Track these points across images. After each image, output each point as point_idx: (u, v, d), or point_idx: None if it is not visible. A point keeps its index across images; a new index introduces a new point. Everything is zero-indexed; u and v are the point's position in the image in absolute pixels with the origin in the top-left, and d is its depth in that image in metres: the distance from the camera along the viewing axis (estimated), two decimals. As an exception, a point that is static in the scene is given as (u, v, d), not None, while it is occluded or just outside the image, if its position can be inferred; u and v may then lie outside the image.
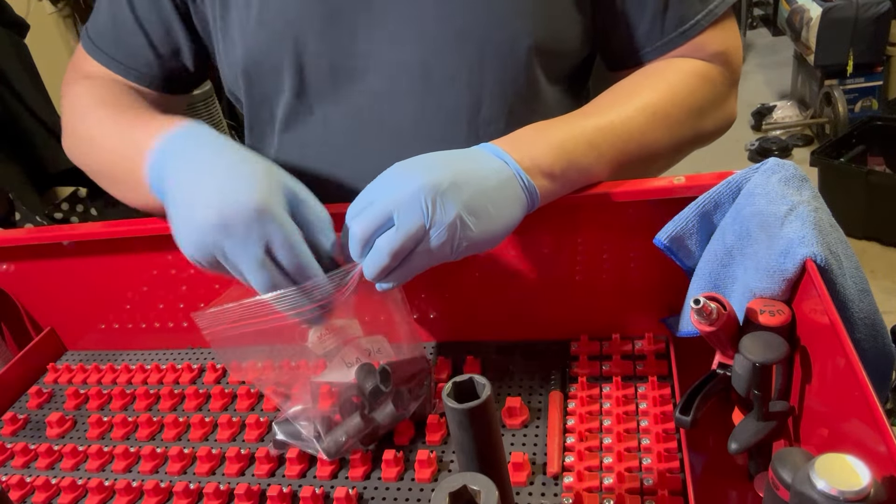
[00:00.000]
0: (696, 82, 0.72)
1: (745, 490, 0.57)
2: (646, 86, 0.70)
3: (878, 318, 0.56)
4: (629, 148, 0.66)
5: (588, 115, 0.66)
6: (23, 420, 0.78)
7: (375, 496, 0.61)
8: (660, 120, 0.68)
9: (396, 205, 0.53)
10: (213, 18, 0.75)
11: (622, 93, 0.70)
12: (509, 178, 0.58)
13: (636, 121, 0.66)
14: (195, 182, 0.57)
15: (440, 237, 0.53)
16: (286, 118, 0.77)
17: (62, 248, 0.80)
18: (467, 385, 0.48)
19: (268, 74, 0.74)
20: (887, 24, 2.86)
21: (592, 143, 0.64)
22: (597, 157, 0.64)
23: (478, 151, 0.60)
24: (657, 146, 0.69)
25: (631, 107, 0.67)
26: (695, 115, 0.71)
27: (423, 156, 0.57)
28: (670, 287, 0.67)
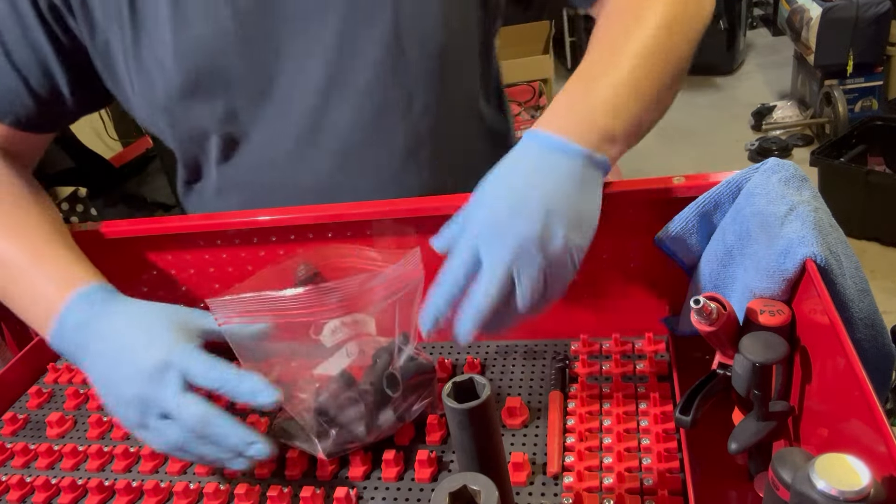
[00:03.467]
0: None
1: (745, 490, 0.57)
2: (639, 8, 0.66)
3: (878, 318, 0.56)
4: (664, 69, 0.63)
5: (613, 55, 0.63)
6: (23, 420, 0.78)
7: (375, 496, 0.61)
8: (675, 27, 0.65)
9: (509, 263, 0.53)
10: (123, 56, 0.74)
11: (624, 23, 0.66)
12: (586, 169, 0.56)
13: (658, 39, 0.64)
14: (103, 363, 0.60)
15: (561, 278, 0.55)
16: (223, 149, 0.77)
17: (62, 248, 0.80)
18: (467, 385, 0.48)
19: (196, 108, 0.74)
20: (887, 24, 2.86)
21: (633, 86, 0.61)
22: (640, 99, 0.61)
23: (542, 154, 0.57)
24: (680, 53, 0.66)
25: (644, 31, 0.64)
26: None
27: (497, 184, 0.56)
28: (670, 287, 0.67)
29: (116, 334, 0.60)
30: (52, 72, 0.76)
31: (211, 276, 0.80)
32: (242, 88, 0.72)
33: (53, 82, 0.77)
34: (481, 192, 0.57)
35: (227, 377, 0.56)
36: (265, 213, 0.74)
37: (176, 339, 0.57)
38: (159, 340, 0.57)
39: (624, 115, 0.59)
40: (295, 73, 0.72)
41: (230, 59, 0.71)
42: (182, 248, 0.79)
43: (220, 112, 0.74)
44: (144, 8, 0.72)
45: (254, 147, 0.76)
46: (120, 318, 0.61)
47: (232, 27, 0.69)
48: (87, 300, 0.63)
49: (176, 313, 0.60)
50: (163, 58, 0.72)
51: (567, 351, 0.73)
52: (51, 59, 0.75)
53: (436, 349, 0.77)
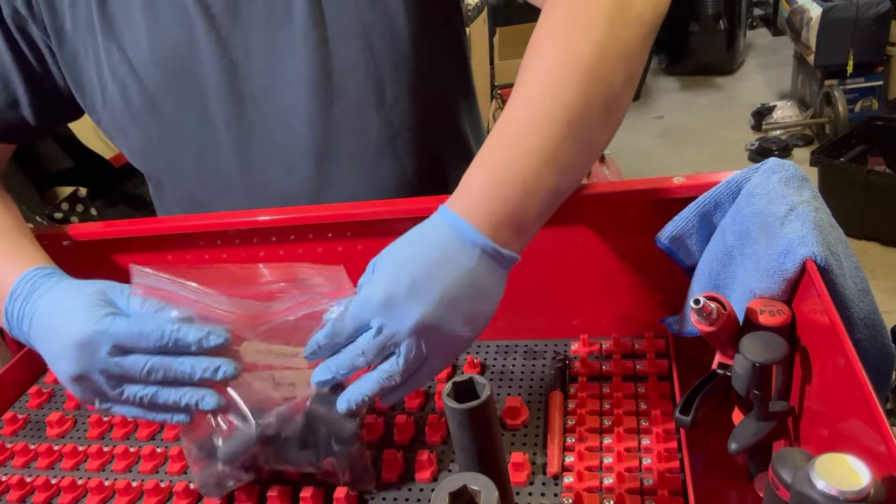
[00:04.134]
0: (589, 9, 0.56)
1: (745, 490, 0.57)
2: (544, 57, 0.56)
3: (878, 318, 0.56)
4: (593, 113, 0.55)
5: (536, 112, 0.54)
6: (23, 420, 0.78)
7: (375, 496, 0.61)
8: (612, 47, 0.55)
9: (409, 345, 0.52)
10: (95, 64, 0.74)
11: (554, 50, 0.56)
12: (491, 266, 0.53)
13: (590, 79, 0.54)
14: (43, 348, 0.60)
15: (441, 364, 0.54)
16: (196, 156, 0.77)
17: (62, 248, 0.80)
18: (467, 385, 0.48)
19: (170, 113, 0.74)
20: (887, 24, 2.86)
21: (552, 155, 0.53)
22: (560, 169, 0.54)
23: (449, 243, 0.53)
24: (614, 81, 0.56)
25: (572, 68, 0.54)
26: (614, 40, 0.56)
27: (399, 269, 0.53)
28: (670, 287, 0.67)
29: (44, 317, 0.60)
30: (10, 81, 0.76)
31: (211, 276, 0.80)
32: (216, 91, 0.73)
33: (12, 92, 0.77)
34: (386, 262, 0.54)
35: (165, 327, 0.55)
36: (265, 213, 0.74)
37: (97, 312, 0.56)
38: (80, 316, 0.56)
39: (541, 192, 0.54)
40: (268, 73, 0.72)
41: (204, 63, 0.72)
42: (182, 248, 0.79)
43: (195, 115, 0.74)
44: (116, 16, 0.72)
45: (229, 149, 0.76)
46: (44, 301, 0.61)
47: (204, 32, 0.70)
48: (25, 281, 0.63)
49: (98, 289, 0.59)
50: (137, 64, 0.72)
51: (567, 351, 0.73)
52: (10, 68, 0.75)
53: (436, 349, 0.77)
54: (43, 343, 0.60)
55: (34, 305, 0.61)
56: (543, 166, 0.53)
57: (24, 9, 0.73)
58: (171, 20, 0.71)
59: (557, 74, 0.54)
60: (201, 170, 0.78)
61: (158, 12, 0.71)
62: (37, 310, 0.61)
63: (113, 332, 0.55)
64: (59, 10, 0.73)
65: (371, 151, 0.75)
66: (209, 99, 0.73)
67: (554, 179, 0.54)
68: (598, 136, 0.57)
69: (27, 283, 0.62)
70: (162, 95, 0.73)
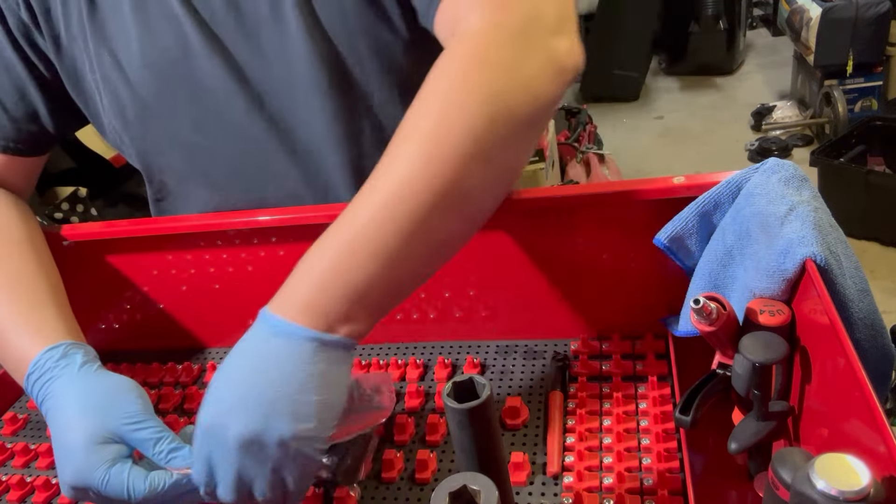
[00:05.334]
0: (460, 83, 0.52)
1: (745, 490, 0.57)
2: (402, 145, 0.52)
3: (878, 318, 0.56)
4: (426, 222, 0.50)
5: (374, 208, 0.51)
6: (23, 420, 0.78)
7: (376, 496, 0.61)
8: (440, 154, 0.50)
9: (235, 468, 0.50)
10: (90, 70, 0.74)
11: (384, 174, 0.52)
12: (319, 355, 0.50)
13: (410, 178, 0.50)
14: (52, 441, 0.58)
15: (295, 472, 0.51)
16: (190, 160, 0.77)
17: (62, 248, 0.80)
18: (467, 385, 0.48)
19: (163, 119, 0.74)
20: (887, 24, 2.86)
21: (379, 254, 0.50)
22: (391, 265, 0.50)
23: (269, 341, 0.51)
24: (468, 188, 0.51)
25: (434, 161, 0.50)
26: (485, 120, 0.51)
27: (224, 378, 0.52)
28: (670, 287, 0.67)
29: (53, 421, 0.59)
30: (27, 92, 0.76)
31: (211, 276, 0.80)
32: (209, 96, 0.73)
33: (29, 102, 0.77)
34: (210, 389, 0.52)
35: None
36: (265, 213, 0.74)
37: (91, 459, 0.55)
38: (78, 456, 0.55)
39: (374, 288, 0.50)
40: (260, 78, 0.72)
41: (197, 67, 0.71)
42: (182, 248, 0.79)
43: (189, 120, 0.74)
44: (107, 21, 0.72)
45: (221, 154, 0.76)
46: (53, 403, 0.60)
47: (197, 36, 0.70)
48: (40, 366, 0.61)
49: (98, 415, 0.57)
50: (129, 70, 0.72)
51: (567, 351, 0.73)
52: (25, 78, 0.75)
53: (435, 349, 0.77)
54: (54, 441, 0.59)
55: (46, 405, 0.60)
56: (378, 264, 0.50)
57: (27, 18, 0.73)
58: (161, 25, 0.71)
59: (411, 172, 0.50)
60: (195, 173, 0.78)
61: (148, 17, 0.71)
62: (48, 410, 0.60)
63: (105, 488, 0.54)
64: (54, 18, 0.73)
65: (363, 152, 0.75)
66: (201, 101, 0.73)
67: (394, 276, 0.51)
68: (447, 237, 0.53)
69: (39, 371, 0.61)
70: (155, 100, 0.73)
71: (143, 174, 0.83)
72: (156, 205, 0.86)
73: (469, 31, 0.54)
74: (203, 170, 0.77)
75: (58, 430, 0.58)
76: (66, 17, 0.73)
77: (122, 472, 0.55)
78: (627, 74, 3.83)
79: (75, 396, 0.59)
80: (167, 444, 0.56)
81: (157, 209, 0.87)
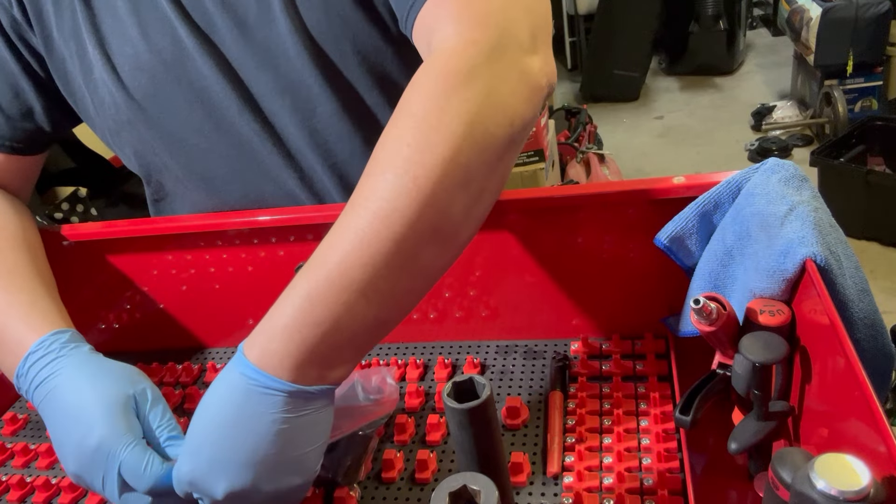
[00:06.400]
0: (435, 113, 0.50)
1: (745, 490, 0.57)
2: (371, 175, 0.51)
3: (878, 318, 0.56)
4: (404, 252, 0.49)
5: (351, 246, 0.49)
6: (23, 420, 0.78)
7: (376, 496, 0.61)
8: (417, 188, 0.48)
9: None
10: (81, 72, 0.74)
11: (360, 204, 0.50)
12: (299, 407, 0.49)
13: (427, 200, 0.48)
14: (54, 430, 0.58)
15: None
16: (187, 161, 0.77)
17: (62, 247, 0.80)
18: (467, 385, 0.48)
19: (159, 119, 0.74)
20: (887, 24, 2.86)
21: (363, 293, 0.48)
22: (378, 302, 0.49)
23: (249, 395, 0.49)
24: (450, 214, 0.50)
25: (369, 209, 0.49)
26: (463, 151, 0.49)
27: (201, 435, 0.51)
28: (670, 287, 0.67)
29: (60, 405, 0.59)
30: (21, 90, 0.76)
31: (211, 276, 0.80)
32: (203, 97, 0.73)
33: (24, 101, 0.77)
34: (191, 434, 0.52)
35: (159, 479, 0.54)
36: (265, 213, 0.75)
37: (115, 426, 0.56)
38: (99, 424, 0.55)
39: (356, 326, 0.49)
40: (252, 79, 0.72)
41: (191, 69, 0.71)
42: (182, 248, 0.79)
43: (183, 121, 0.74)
44: (103, 23, 0.72)
45: (217, 155, 0.76)
46: (61, 386, 0.59)
47: (190, 39, 0.70)
48: (42, 351, 0.62)
49: (116, 387, 0.58)
50: (122, 71, 0.72)
51: (567, 351, 0.73)
52: (19, 76, 0.75)
53: (435, 349, 0.77)
54: (52, 424, 0.59)
55: (52, 382, 0.60)
56: (361, 300, 0.48)
57: (20, 16, 0.73)
58: (154, 27, 0.71)
59: (390, 201, 0.48)
60: (192, 174, 0.78)
61: (142, 19, 0.71)
62: (53, 389, 0.59)
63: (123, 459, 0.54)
64: (45, 18, 0.73)
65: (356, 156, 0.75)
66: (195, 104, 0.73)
67: (373, 313, 0.49)
68: (430, 265, 0.51)
69: (44, 350, 0.61)
70: (149, 102, 0.73)
71: (140, 175, 0.83)
72: (154, 205, 0.86)
73: (444, 48, 0.53)
74: (200, 171, 0.77)
75: (68, 403, 0.58)
76: (58, 17, 0.73)
77: (146, 449, 0.55)
78: (627, 74, 3.83)
79: (90, 372, 0.60)
80: (167, 433, 0.57)
81: (155, 209, 0.87)
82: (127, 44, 0.72)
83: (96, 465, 0.55)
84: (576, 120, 3.01)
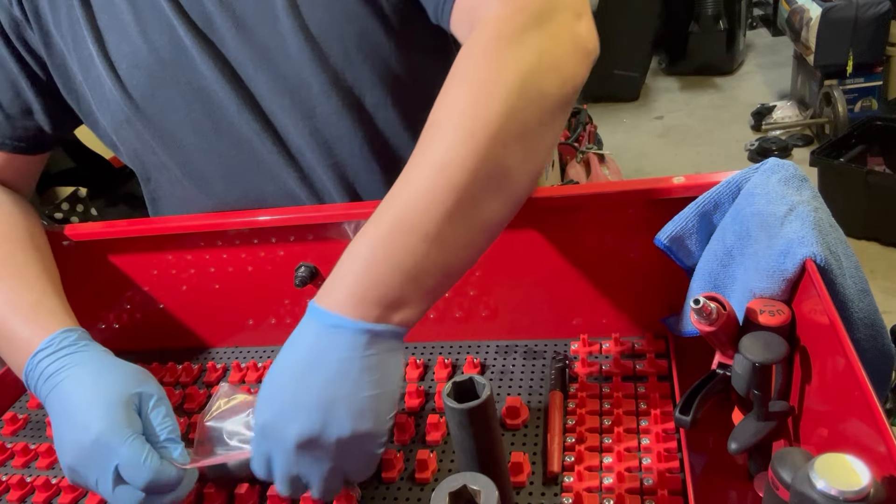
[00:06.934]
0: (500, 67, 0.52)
1: (745, 490, 0.57)
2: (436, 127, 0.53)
3: (878, 318, 0.56)
4: (465, 201, 0.51)
5: (419, 196, 0.51)
6: (23, 420, 0.78)
7: (375, 496, 0.61)
8: (475, 141, 0.51)
9: (292, 468, 0.51)
10: (80, 68, 0.74)
11: (421, 157, 0.53)
12: (371, 347, 0.50)
13: (487, 153, 0.51)
14: (55, 424, 0.59)
15: (357, 465, 0.52)
16: (186, 161, 0.77)
17: (62, 248, 0.80)
18: (467, 385, 0.48)
19: (157, 118, 0.74)
20: (887, 24, 2.86)
21: (428, 240, 0.50)
22: (438, 246, 0.51)
23: (321, 337, 0.51)
24: (507, 166, 0.52)
25: (430, 158, 0.52)
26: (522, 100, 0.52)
27: (278, 378, 0.52)
28: (670, 287, 0.67)
29: (63, 399, 0.59)
30: (21, 89, 0.76)
31: (211, 276, 0.80)
32: (201, 96, 0.73)
33: (24, 100, 0.77)
34: (265, 385, 0.53)
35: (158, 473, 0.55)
36: (265, 213, 0.74)
37: (114, 420, 0.56)
38: (98, 418, 0.56)
39: (422, 272, 0.51)
40: (252, 78, 0.72)
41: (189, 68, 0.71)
42: (182, 248, 0.79)
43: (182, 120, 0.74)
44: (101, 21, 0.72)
45: (216, 154, 0.76)
46: (67, 382, 0.60)
47: (189, 37, 0.70)
48: (51, 348, 0.62)
49: (121, 384, 0.59)
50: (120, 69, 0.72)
51: (567, 351, 0.73)
52: (18, 75, 0.75)
53: (435, 349, 0.77)
54: (55, 418, 0.59)
55: (59, 377, 0.60)
56: (427, 246, 0.50)
57: (19, 14, 0.73)
58: (153, 25, 0.71)
59: (449, 153, 0.51)
60: (191, 173, 0.78)
61: (141, 17, 0.71)
62: (59, 383, 0.60)
63: (120, 453, 0.55)
64: (42, 17, 0.73)
65: (356, 157, 0.75)
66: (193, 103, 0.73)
67: (440, 259, 0.51)
68: (490, 216, 0.53)
69: (54, 347, 0.62)
70: (147, 101, 0.73)
71: (137, 174, 0.83)
72: (152, 204, 0.86)
73: (492, 16, 0.55)
74: (199, 170, 0.77)
75: (71, 398, 0.58)
76: (54, 13, 0.73)
77: (145, 443, 0.56)
78: (627, 74, 3.82)
79: (96, 369, 0.60)
80: (167, 433, 0.58)
81: (153, 209, 0.87)
82: (125, 41, 0.71)
83: (93, 458, 0.55)
84: (576, 120, 3.01)
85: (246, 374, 0.78)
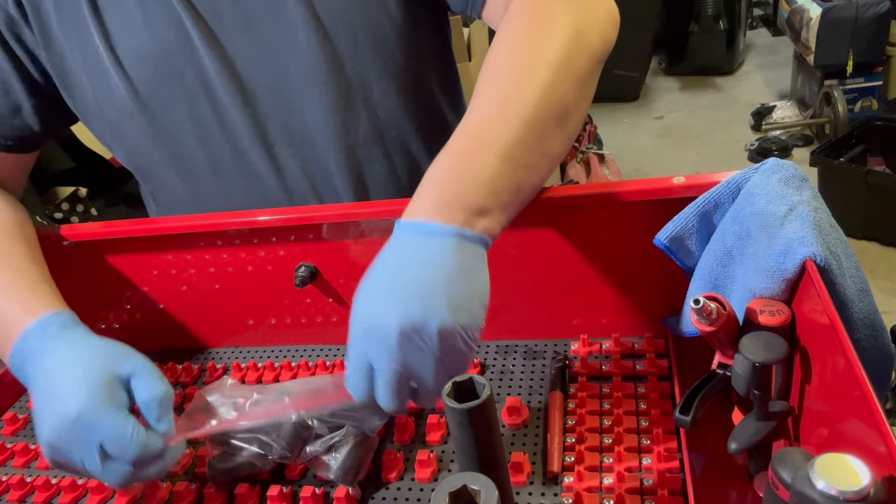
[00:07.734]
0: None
1: (745, 490, 0.57)
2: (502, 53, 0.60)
3: (878, 318, 0.56)
4: (546, 128, 0.57)
5: (489, 121, 0.57)
6: (23, 420, 0.78)
7: (375, 496, 0.61)
8: (566, 69, 0.58)
9: (396, 366, 0.50)
10: (83, 66, 0.74)
11: (489, 89, 0.59)
12: (459, 248, 0.52)
13: (545, 91, 0.57)
14: (36, 401, 0.59)
15: (458, 358, 0.52)
16: (187, 156, 0.77)
17: (62, 248, 0.80)
18: (467, 385, 0.48)
19: (159, 114, 0.74)
20: (887, 24, 2.86)
21: (506, 156, 0.55)
22: (516, 166, 0.56)
23: (409, 242, 0.53)
24: (567, 100, 0.59)
25: (529, 83, 0.58)
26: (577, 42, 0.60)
27: (372, 282, 0.53)
28: (670, 287, 0.67)
29: (47, 377, 0.59)
30: (11, 87, 0.76)
31: (211, 276, 0.80)
32: (205, 90, 0.73)
33: (13, 98, 0.77)
34: (359, 293, 0.53)
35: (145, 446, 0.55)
36: (265, 213, 0.74)
37: (96, 398, 0.56)
38: (80, 397, 0.56)
39: (499, 185, 0.54)
40: (255, 70, 0.72)
41: (194, 61, 0.71)
42: (182, 248, 0.79)
43: (185, 114, 0.74)
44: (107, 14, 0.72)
45: (219, 147, 0.76)
46: (52, 360, 0.60)
47: (195, 31, 0.70)
48: (40, 329, 0.62)
49: (106, 362, 0.59)
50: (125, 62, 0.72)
51: (567, 351, 0.73)
52: (9, 73, 0.75)
53: (436, 349, 0.77)
54: (35, 395, 0.59)
55: (44, 357, 0.60)
56: (501, 161, 0.54)
57: (16, 12, 0.73)
58: (160, 18, 0.71)
59: (516, 86, 0.57)
60: (191, 169, 0.78)
61: (148, 10, 0.71)
62: (44, 360, 0.60)
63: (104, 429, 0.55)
64: (44, 12, 0.73)
65: (361, 147, 0.76)
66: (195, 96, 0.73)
67: (513, 175, 0.55)
68: (553, 144, 0.59)
69: (41, 329, 0.62)
70: (152, 95, 0.73)
71: (136, 172, 0.83)
72: (151, 203, 0.86)
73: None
74: (200, 166, 0.77)
75: (54, 376, 0.58)
76: (58, 10, 0.73)
77: (129, 417, 0.56)
78: (627, 74, 3.82)
79: (81, 348, 0.61)
80: (156, 406, 0.57)
81: (153, 209, 0.87)
82: (131, 34, 0.71)
83: (75, 434, 0.55)
84: (576, 120, 3.01)
85: (246, 374, 0.78)
